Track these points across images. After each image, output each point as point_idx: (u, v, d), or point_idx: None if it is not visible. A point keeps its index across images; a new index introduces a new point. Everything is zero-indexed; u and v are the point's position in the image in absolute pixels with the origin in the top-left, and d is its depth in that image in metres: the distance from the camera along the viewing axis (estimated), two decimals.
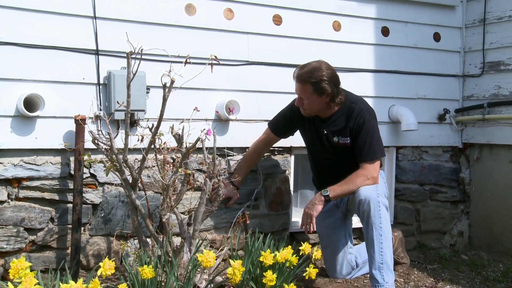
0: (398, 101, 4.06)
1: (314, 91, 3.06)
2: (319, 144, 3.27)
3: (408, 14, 4.10)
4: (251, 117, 3.55)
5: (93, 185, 3.13)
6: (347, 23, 3.86)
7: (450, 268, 3.84)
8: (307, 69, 3.07)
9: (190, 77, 2.71)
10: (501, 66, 4.13)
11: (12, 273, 2.21)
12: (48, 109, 2.94)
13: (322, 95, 3.07)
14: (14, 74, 2.90)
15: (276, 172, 3.67)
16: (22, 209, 2.94)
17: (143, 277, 2.45)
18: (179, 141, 2.80)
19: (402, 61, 4.10)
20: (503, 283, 3.54)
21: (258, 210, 3.61)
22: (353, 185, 3.07)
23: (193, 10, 3.36)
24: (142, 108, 3.10)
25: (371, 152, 3.12)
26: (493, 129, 4.16)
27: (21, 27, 2.91)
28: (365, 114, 3.14)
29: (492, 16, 4.18)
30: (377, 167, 3.13)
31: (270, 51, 3.60)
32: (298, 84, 3.10)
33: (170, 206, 2.81)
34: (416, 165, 4.23)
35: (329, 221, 3.38)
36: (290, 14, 3.66)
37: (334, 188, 3.08)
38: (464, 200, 4.42)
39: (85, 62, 3.06)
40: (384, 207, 3.02)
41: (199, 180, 3.31)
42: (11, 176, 2.92)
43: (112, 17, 3.12)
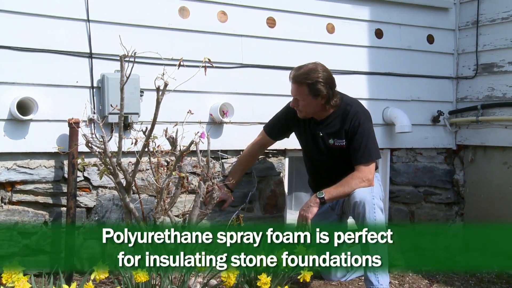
0: (392, 103, 4.07)
1: (310, 93, 3.07)
2: (314, 146, 3.27)
3: (401, 16, 4.11)
4: (245, 120, 3.55)
5: (87, 189, 3.12)
6: (341, 26, 3.87)
7: (444, 269, 3.85)
8: (303, 71, 3.07)
9: (184, 80, 2.70)
10: (494, 68, 4.15)
11: (5, 278, 2.20)
12: (41, 113, 2.93)
13: (318, 97, 3.08)
14: (7, 77, 2.89)
15: (271, 174, 3.67)
16: (15, 213, 2.93)
17: (137, 281, 2.44)
18: (173, 144, 2.80)
19: (396, 63, 4.11)
20: (497, 285, 3.55)
21: (253, 212, 3.61)
22: (348, 187, 3.07)
23: (187, 13, 3.36)
24: (136, 111, 3.10)
25: (367, 154, 3.12)
26: (487, 131, 4.17)
27: (14, 30, 2.90)
28: (361, 116, 3.14)
29: (485, 18, 4.19)
30: (372, 169, 3.14)
31: (264, 54, 3.60)
32: (294, 85, 3.11)
33: (164, 209, 2.80)
34: (411, 167, 4.23)
35: (326, 223, 3.38)
36: (284, 17, 3.66)
37: (330, 191, 3.08)
38: (459, 202, 4.43)
39: (78, 65, 3.05)
40: (379, 209, 3.02)
41: (193, 183, 3.31)
42: (5, 180, 2.91)
43: (105, 20, 3.12)
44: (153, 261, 2.45)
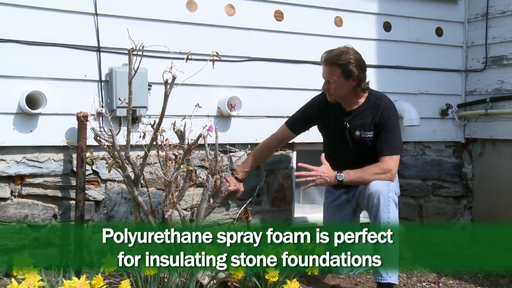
0: (400, 96, 4.05)
1: (342, 74, 3.09)
2: (339, 138, 3.27)
3: (410, 9, 4.09)
4: (253, 113, 3.55)
5: (96, 182, 3.13)
6: (349, 19, 3.85)
7: (453, 263, 3.84)
8: (335, 53, 3.11)
9: (192, 74, 2.70)
10: (504, 60, 4.12)
11: (16, 270, 2.22)
12: (50, 106, 2.94)
13: (349, 78, 3.10)
14: (16, 72, 2.90)
15: (279, 168, 3.67)
16: (25, 206, 2.95)
17: (146, 273, 2.45)
18: (181, 137, 2.81)
19: (404, 56, 4.09)
20: (506, 278, 3.54)
21: (261, 206, 3.61)
22: (368, 174, 3.09)
23: (194, 6, 3.35)
24: (144, 104, 3.10)
25: (392, 147, 3.15)
26: (496, 124, 4.15)
27: (23, 24, 2.91)
28: (391, 111, 3.19)
29: (495, 11, 4.16)
30: (396, 162, 3.15)
31: (272, 47, 3.59)
32: (326, 67, 3.12)
33: (172, 202, 2.81)
34: (419, 161, 4.22)
35: (340, 215, 3.38)
36: (292, 10, 3.65)
37: (349, 173, 3.10)
38: (467, 195, 4.41)
39: (86, 59, 3.06)
40: (394, 203, 3.02)
41: (201, 176, 3.31)
42: (14, 173, 2.92)
43: (113, 13, 3.12)
44: (153, 261, 2.47)
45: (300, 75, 3.67)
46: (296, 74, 3.67)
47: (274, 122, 3.59)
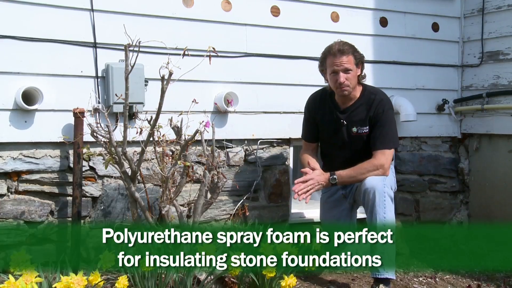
0: (397, 92, 4.05)
1: (355, 62, 3.14)
2: (335, 135, 3.26)
3: (406, 4, 4.09)
4: (250, 109, 3.54)
5: (93, 178, 3.13)
6: (345, 14, 3.85)
7: (449, 258, 3.85)
8: (346, 43, 3.15)
9: (188, 69, 2.70)
10: (500, 55, 4.12)
11: (13, 266, 2.22)
12: (46, 102, 2.93)
13: (358, 66, 3.16)
14: (12, 68, 2.90)
15: (275, 163, 3.68)
16: (22, 202, 2.95)
17: (143, 269, 2.45)
18: (178, 133, 2.80)
19: (400, 51, 4.09)
20: (502, 273, 3.55)
21: (258, 201, 3.62)
22: (360, 173, 3.09)
23: (191, 2, 3.35)
24: (141, 100, 3.10)
25: (385, 141, 3.14)
26: (492, 119, 4.16)
27: (19, 20, 2.90)
28: (385, 104, 3.19)
29: (491, 6, 4.16)
30: (388, 157, 3.14)
31: (268, 43, 3.59)
32: (343, 56, 3.10)
33: (169, 198, 2.81)
34: (415, 156, 4.23)
35: (337, 211, 3.38)
36: (288, 5, 3.65)
37: (342, 174, 3.11)
38: (463, 190, 4.43)
39: (83, 55, 3.06)
40: (389, 198, 3.02)
41: (198, 172, 3.31)
42: (11, 169, 2.92)
43: (109, 9, 3.11)
44: (153, 261, 2.47)
45: (297, 70, 3.67)
46: (293, 70, 3.67)
47: (271, 118, 3.60)
